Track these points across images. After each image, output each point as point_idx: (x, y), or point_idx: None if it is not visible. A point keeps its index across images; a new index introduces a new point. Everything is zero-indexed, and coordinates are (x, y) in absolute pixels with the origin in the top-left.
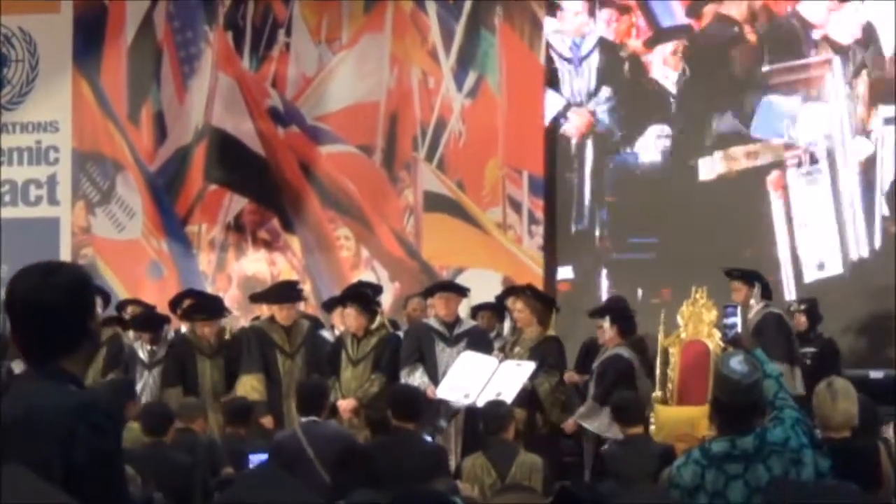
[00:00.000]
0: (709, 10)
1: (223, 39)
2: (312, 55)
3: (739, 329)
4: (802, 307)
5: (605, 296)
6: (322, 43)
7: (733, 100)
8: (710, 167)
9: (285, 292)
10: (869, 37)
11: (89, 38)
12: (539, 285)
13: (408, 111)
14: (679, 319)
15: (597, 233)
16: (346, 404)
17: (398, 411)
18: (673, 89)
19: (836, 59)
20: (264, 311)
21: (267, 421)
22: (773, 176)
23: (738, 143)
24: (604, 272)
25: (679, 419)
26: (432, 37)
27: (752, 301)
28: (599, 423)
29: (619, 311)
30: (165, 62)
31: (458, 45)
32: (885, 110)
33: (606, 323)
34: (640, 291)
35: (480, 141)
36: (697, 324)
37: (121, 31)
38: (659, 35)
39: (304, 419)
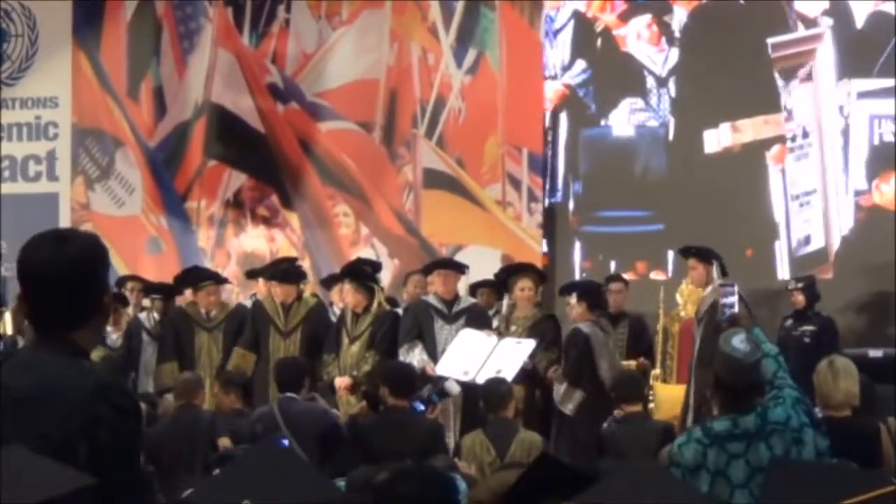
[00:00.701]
0: None
1: (223, 15)
2: (312, 31)
3: (737, 308)
4: (800, 285)
5: (577, 269)
6: (322, 19)
7: (717, 77)
8: (714, 139)
9: (283, 271)
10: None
11: (89, 13)
12: (538, 263)
13: (407, 88)
14: (678, 298)
15: (570, 206)
16: (340, 382)
17: (393, 388)
18: (652, 63)
19: (828, 33)
20: (260, 287)
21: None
22: (767, 151)
23: (724, 118)
24: (577, 245)
25: (678, 397)
26: (432, 13)
27: (711, 279)
28: (573, 406)
29: (585, 288)
30: (165, 38)
31: (458, 22)
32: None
33: (573, 299)
34: (612, 264)
35: (480, 118)
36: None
37: (120, 6)
38: (635, 8)
39: (280, 396)
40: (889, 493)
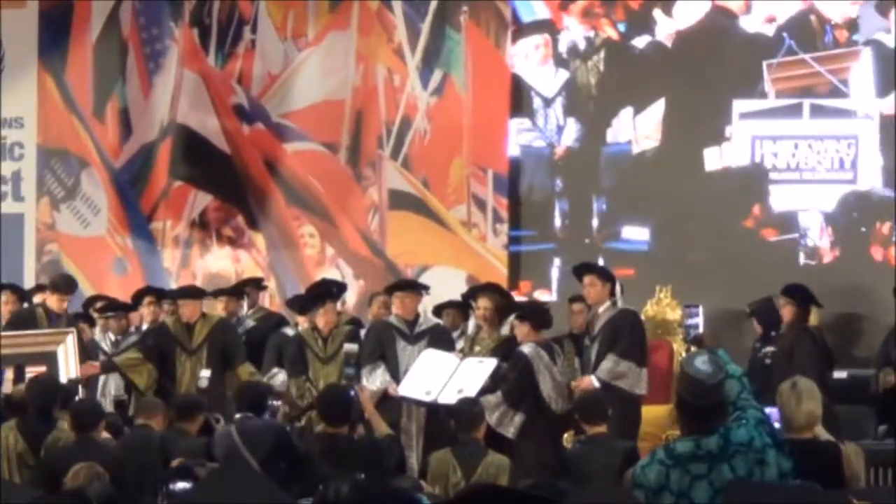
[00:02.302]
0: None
1: (189, 36)
2: (278, 52)
3: (701, 329)
4: (754, 309)
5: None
6: (288, 40)
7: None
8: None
9: (185, 289)
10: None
11: (55, 33)
12: (503, 284)
13: (373, 109)
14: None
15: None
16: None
17: (328, 416)
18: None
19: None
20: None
21: None
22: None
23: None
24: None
25: (644, 419)
26: (398, 35)
27: (606, 298)
28: (514, 429)
29: (529, 308)
30: (131, 58)
31: (424, 43)
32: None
33: (518, 320)
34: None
35: (445, 139)
36: (662, 323)
37: (87, 26)
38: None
39: (238, 415)
40: None
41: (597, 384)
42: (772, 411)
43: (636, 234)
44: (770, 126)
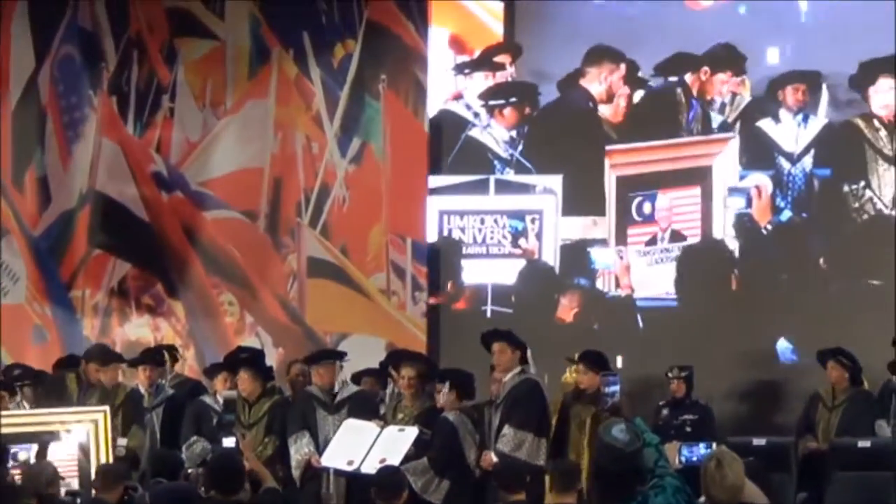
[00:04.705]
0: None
1: (107, 104)
2: (196, 120)
3: (618, 397)
4: (683, 374)
5: None
6: (206, 108)
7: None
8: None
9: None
10: None
11: None
12: (422, 351)
13: (292, 177)
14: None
15: None
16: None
17: (218, 484)
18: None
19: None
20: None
21: None
22: None
23: None
24: None
25: None
26: (316, 102)
27: (513, 365)
28: (441, 496)
29: (455, 376)
30: (49, 126)
31: (342, 112)
32: None
33: (446, 388)
34: None
35: (364, 207)
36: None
37: (5, 94)
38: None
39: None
40: None
41: (495, 459)
42: None
43: None
44: None
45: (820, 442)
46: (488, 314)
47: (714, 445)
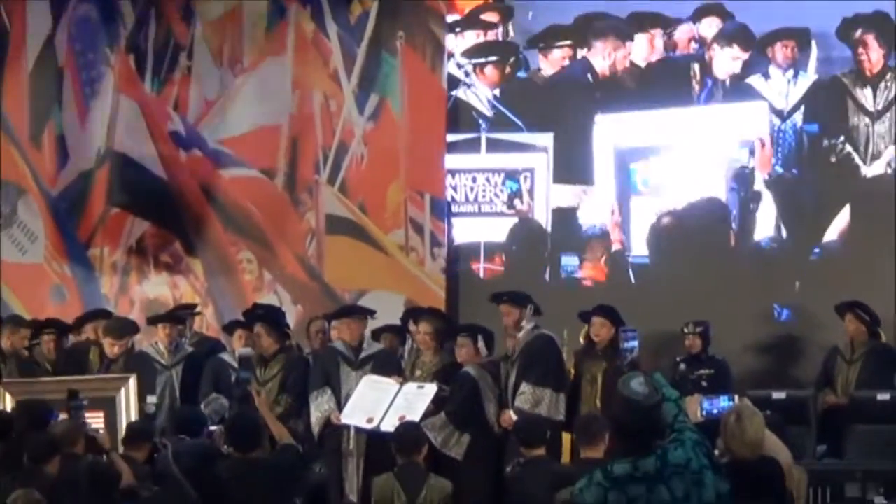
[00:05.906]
0: None
1: (125, 62)
2: (214, 78)
3: (637, 352)
4: (698, 330)
5: None
6: (224, 66)
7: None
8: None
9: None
10: None
11: None
12: (441, 307)
13: (309, 134)
14: (581, 341)
15: None
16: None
17: (237, 442)
18: None
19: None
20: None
21: None
22: None
23: None
24: None
25: None
26: (334, 60)
27: (524, 322)
28: (461, 450)
29: (475, 330)
30: (67, 85)
31: (360, 68)
32: None
33: (468, 342)
34: None
35: (382, 164)
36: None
37: (22, 53)
38: None
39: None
40: None
41: (515, 417)
42: None
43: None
44: None
45: (839, 395)
46: (481, 274)
47: (736, 398)
